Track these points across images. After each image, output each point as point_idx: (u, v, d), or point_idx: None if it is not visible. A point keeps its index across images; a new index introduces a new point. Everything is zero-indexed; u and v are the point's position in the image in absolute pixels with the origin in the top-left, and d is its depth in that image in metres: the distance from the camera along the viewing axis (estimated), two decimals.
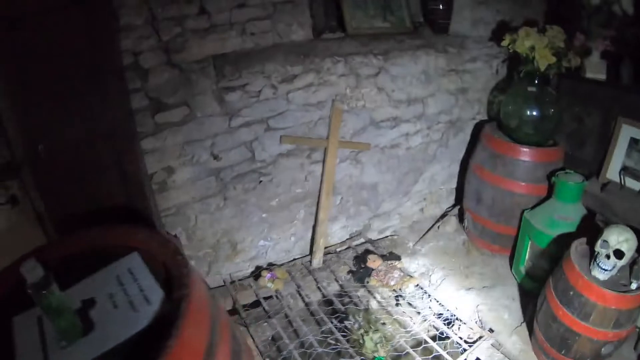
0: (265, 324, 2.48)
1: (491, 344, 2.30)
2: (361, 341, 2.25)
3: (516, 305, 2.60)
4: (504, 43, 2.55)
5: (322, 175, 2.78)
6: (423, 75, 2.84)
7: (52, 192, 1.69)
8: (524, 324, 2.46)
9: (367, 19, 2.84)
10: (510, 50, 2.55)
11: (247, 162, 2.55)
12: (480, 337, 2.30)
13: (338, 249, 3.09)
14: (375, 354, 2.21)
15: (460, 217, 3.28)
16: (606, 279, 1.90)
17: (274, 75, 2.39)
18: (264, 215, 2.76)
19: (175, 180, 2.35)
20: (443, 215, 3.39)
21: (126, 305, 1.19)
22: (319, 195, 2.83)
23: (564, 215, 2.43)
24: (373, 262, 2.81)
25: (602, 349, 1.97)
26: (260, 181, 2.64)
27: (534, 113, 2.62)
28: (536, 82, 2.59)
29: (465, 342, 2.29)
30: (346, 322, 2.40)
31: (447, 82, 2.96)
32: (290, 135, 2.59)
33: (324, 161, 2.74)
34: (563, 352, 2.04)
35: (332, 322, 2.40)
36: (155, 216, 2.16)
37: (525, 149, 2.62)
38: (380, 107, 2.80)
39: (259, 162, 2.58)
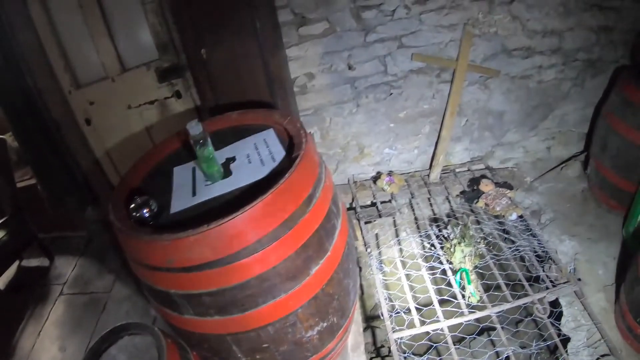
0: (375, 222, 2.88)
1: (574, 291, 2.27)
2: (452, 250, 2.48)
3: (615, 266, 2.47)
4: None
5: (448, 94, 2.90)
6: (562, 7, 2.61)
7: (207, 89, 2.20)
8: (615, 286, 2.36)
9: None
10: None
11: (380, 75, 2.83)
12: (566, 282, 2.28)
13: (457, 169, 3.25)
14: (462, 265, 2.42)
15: (586, 164, 3.06)
16: None
17: None
18: (391, 125, 3.05)
19: (314, 85, 2.80)
20: (569, 159, 3.20)
21: (257, 162, 1.64)
22: (444, 113, 2.98)
23: None
24: (485, 185, 2.92)
25: None
26: (391, 93, 2.90)
27: None
28: None
29: (551, 282, 2.31)
30: (444, 231, 2.65)
31: (588, 18, 2.66)
32: (421, 54, 2.74)
33: (451, 82, 2.84)
34: (638, 320, 1.96)
35: (432, 229, 2.68)
36: (295, 113, 2.67)
37: None
38: (513, 36, 2.71)
39: (390, 75, 2.83)
